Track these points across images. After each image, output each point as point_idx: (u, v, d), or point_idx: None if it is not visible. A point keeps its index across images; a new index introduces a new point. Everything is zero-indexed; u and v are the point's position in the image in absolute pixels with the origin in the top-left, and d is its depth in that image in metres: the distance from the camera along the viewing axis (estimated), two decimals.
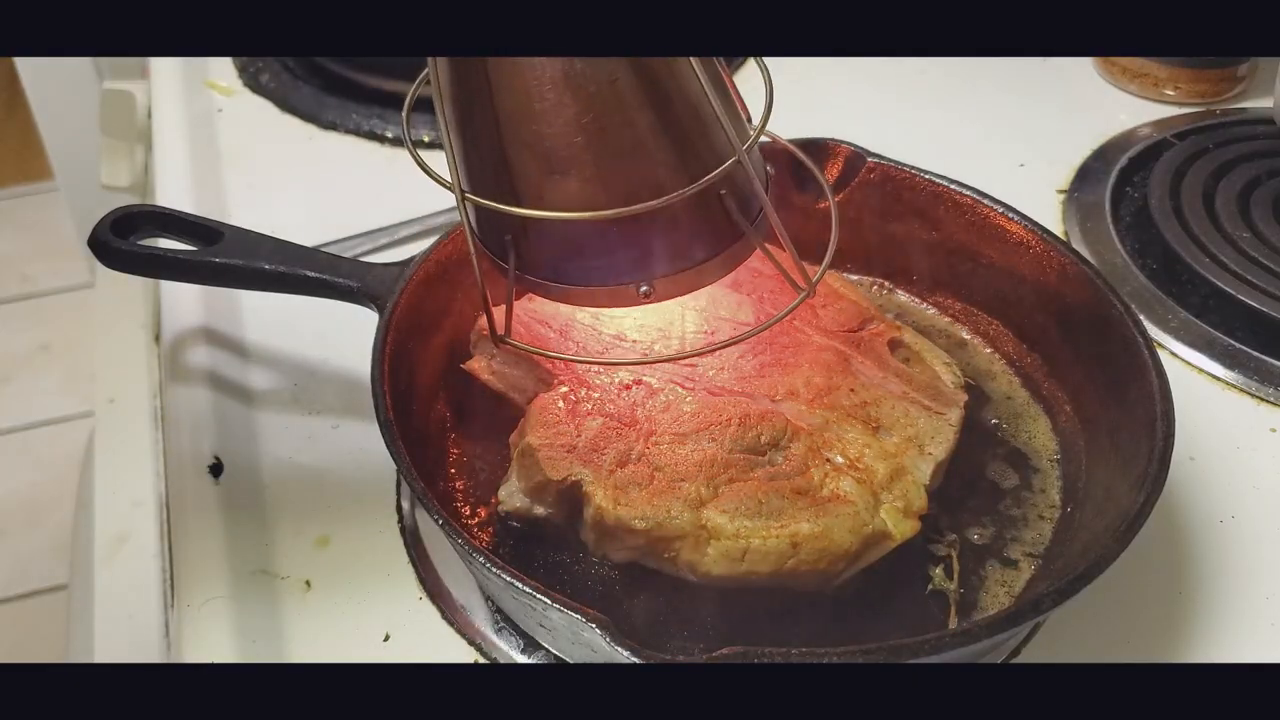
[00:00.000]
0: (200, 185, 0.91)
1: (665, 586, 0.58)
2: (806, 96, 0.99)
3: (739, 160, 0.51)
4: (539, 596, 0.48)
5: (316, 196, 0.90)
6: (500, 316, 0.57)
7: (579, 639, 0.49)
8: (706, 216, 0.53)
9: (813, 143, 0.72)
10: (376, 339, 0.61)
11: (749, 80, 0.57)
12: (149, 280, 0.99)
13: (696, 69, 0.49)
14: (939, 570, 0.60)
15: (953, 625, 0.57)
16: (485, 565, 0.50)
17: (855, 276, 0.77)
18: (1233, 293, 0.76)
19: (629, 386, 0.61)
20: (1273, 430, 0.71)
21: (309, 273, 0.66)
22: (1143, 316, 0.69)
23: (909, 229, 0.73)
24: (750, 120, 0.56)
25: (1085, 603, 0.54)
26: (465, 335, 0.67)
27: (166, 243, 0.69)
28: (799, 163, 0.65)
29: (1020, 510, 0.63)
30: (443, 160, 0.53)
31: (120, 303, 1.11)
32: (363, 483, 0.67)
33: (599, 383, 0.61)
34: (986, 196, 0.70)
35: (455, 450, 0.67)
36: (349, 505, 0.66)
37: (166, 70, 1.04)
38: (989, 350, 0.72)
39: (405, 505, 0.65)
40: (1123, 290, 0.70)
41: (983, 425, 0.67)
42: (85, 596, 0.87)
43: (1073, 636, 0.59)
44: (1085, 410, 0.65)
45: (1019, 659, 0.58)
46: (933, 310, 0.75)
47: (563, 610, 0.48)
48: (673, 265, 0.54)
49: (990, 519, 0.62)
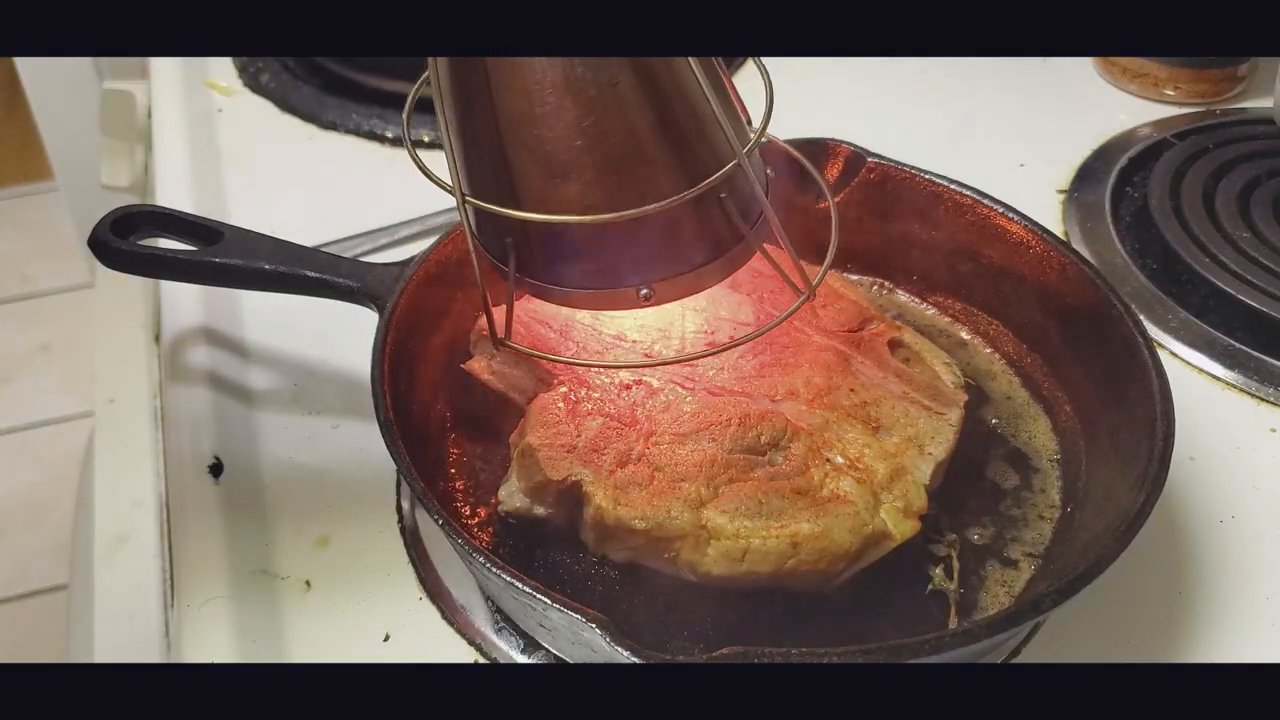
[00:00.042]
0: (200, 185, 0.91)
1: (665, 586, 0.58)
2: (806, 96, 0.99)
3: (739, 164, 0.51)
4: (539, 596, 0.48)
5: (316, 196, 0.90)
6: (500, 317, 0.57)
7: (579, 639, 0.49)
8: (706, 219, 0.53)
9: (813, 143, 0.72)
10: (376, 339, 0.61)
11: (749, 81, 0.57)
12: (149, 280, 0.99)
13: (697, 72, 0.49)
14: (939, 570, 0.60)
15: (953, 625, 0.57)
16: (485, 565, 0.50)
17: (855, 276, 0.77)
18: (1233, 293, 0.76)
19: (629, 386, 0.61)
20: (1273, 430, 0.71)
21: (309, 273, 0.66)
22: (1143, 316, 0.69)
23: (909, 229, 0.73)
24: (751, 123, 0.56)
25: (1085, 603, 0.54)
26: (465, 335, 0.67)
27: (166, 243, 0.69)
28: (803, 170, 0.65)
29: (1020, 510, 0.63)
30: (443, 161, 0.53)
31: (120, 303, 1.11)
32: (363, 483, 0.67)
33: (599, 383, 0.61)
34: (986, 196, 0.70)
35: (455, 450, 0.67)
36: (349, 505, 0.66)
37: (166, 70, 1.04)
38: (989, 350, 0.72)
39: (405, 505, 0.65)
40: (1123, 290, 0.70)
41: (983, 425, 0.67)
42: (85, 596, 0.87)
43: (1073, 636, 0.59)
44: (1085, 410, 0.65)
45: (1019, 659, 0.58)
46: (933, 310, 0.75)
47: (563, 610, 0.48)
48: (673, 268, 0.54)
49: (990, 519, 0.62)
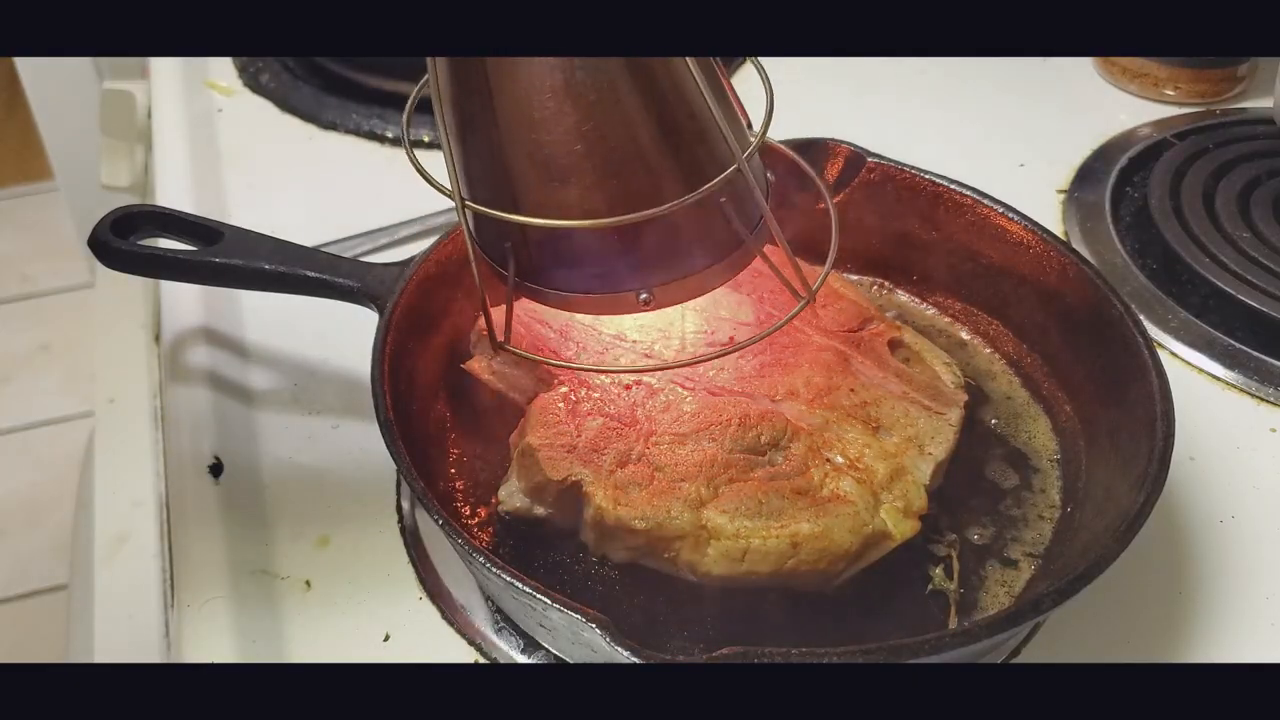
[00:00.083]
0: (200, 185, 0.91)
1: (665, 586, 0.58)
2: (806, 96, 0.99)
3: (739, 168, 0.51)
4: (539, 596, 0.48)
5: (316, 196, 0.90)
6: (500, 317, 0.57)
7: (579, 639, 0.49)
8: (706, 224, 0.53)
9: (812, 143, 0.72)
10: (376, 339, 0.61)
11: (749, 82, 0.57)
12: (149, 280, 0.99)
13: (696, 76, 0.49)
14: (939, 570, 0.60)
15: (953, 625, 0.57)
16: (485, 565, 0.50)
17: (855, 276, 0.77)
18: (1233, 293, 0.76)
19: (629, 386, 0.61)
20: (1273, 430, 0.71)
21: (309, 273, 0.66)
22: (1143, 316, 0.69)
23: (909, 229, 0.73)
24: (751, 126, 0.56)
25: (1085, 603, 0.54)
26: (465, 335, 0.67)
27: (166, 243, 0.69)
28: (802, 170, 0.65)
29: (1020, 510, 0.63)
30: (442, 163, 0.53)
31: (120, 303, 1.11)
32: (363, 483, 0.67)
33: (599, 383, 0.61)
34: (986, 196, 0.70)
35: (455, 450, 0.67)
36: (349, 505, 0.66)
37: (166, 70, 1.04)
38: (989, 350, 0.72)
39: (405, 505, 0.65)
40: (1123, 290, 0.70)
41: (983, 425, 0.67)
42: (85, 596, 0.87)
43: (1073, 636, 0.59)
44: (1085, 410, 0.65)
45: (1019, 659, 0.58)
46: (933, 310, 0.75)
47: (563, 610, 0.48)
48: (673, 273, 0.54)
49: (990, 519, 0.62)
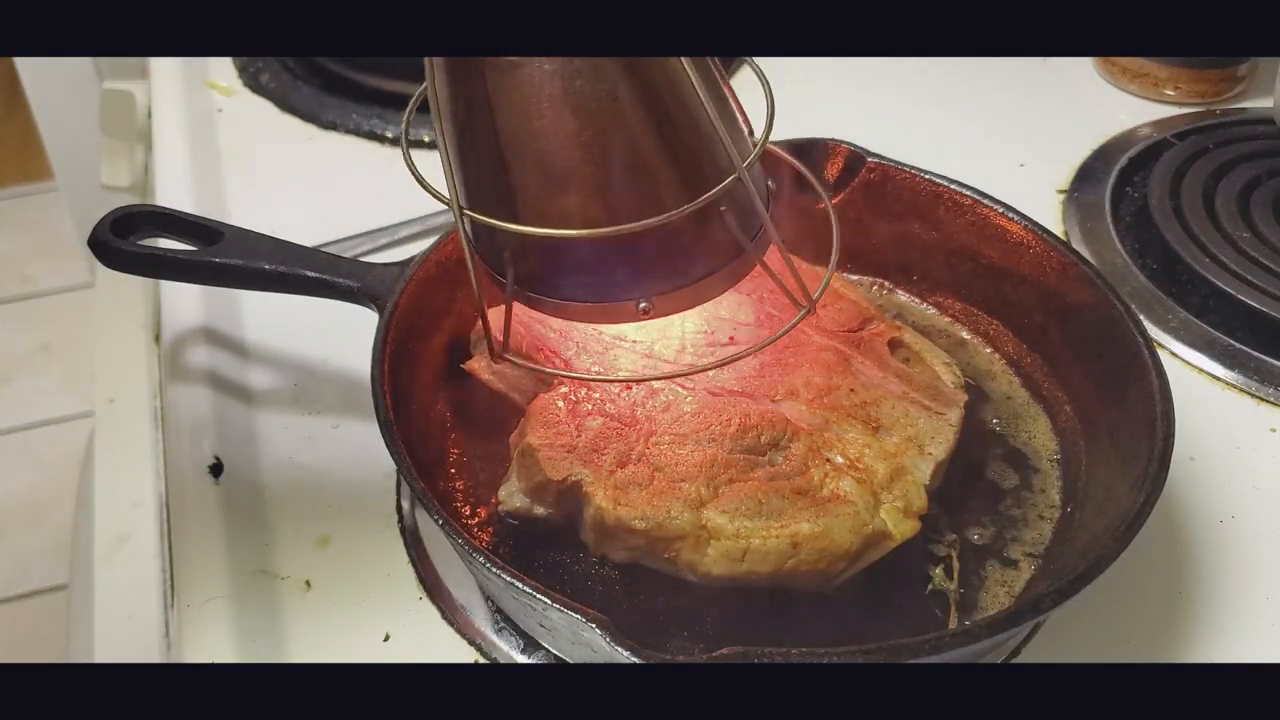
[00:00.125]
0: (200, 185, 0.91)
1: (665, 586, 0.58)
2: (806, 96, 0.98)
3: (739, 177, 0.50)
4: (539, 596, 0.48)
5: (316, 196, 0.90)
6: (498, 318, 0.57)
7: (579, 639, 0.49)
8: (706, 233, 0.53)
9: (812, 143, 0.72)
10: (376, 339, 0.61)
11: (751, 84, 0.57)
12: (149, 280, 0.99)
13: (695, 83, 0.49)
14: (939, 570, 0.60)
15: (953, 625, 0.57)
16: (485, 565, 0.50)
17: (855, 276, 0.77)
18: (1233, 293, 0.76)
19: (629, 386, 0.61)
20: (1273, 430, 0.71)
21: (309, 273, 0.66)
22: (1143, 316, 0.69)
23: (909, 229, 0.73)
24: (752, 132, 0.55)
25: (1085, 603, 0.54)
26: (465, 335, 0.67)
27: (166, 243, 0.69)
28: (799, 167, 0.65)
29: (1020, 510, 0.63)
30: (441, 167, 0.53)
31: (120, 303, 1.11)
32: (363, 483, 0.67)
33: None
34: (986, 196, 0.70)
35: (455, 450, 0.66)
36: (349, 505, 0.66)
37: (166, 70, 1.04)
38: (989, 350, 0.72)
39: (405, 505, 0.65)
40: (1123, 290, 0.70)
41: (983, 425, 0.67)
42: (85, 596, 0.87)
43: (1073, 636, 0.59)
44: (1085, 410, 0.65)
45: (1019, 659, 0.58)
46: (933, 310, 0.75)
47: (563, 610, 0.48)
48: (672, 282, 0.53)
49: (990, 519, 0.62)
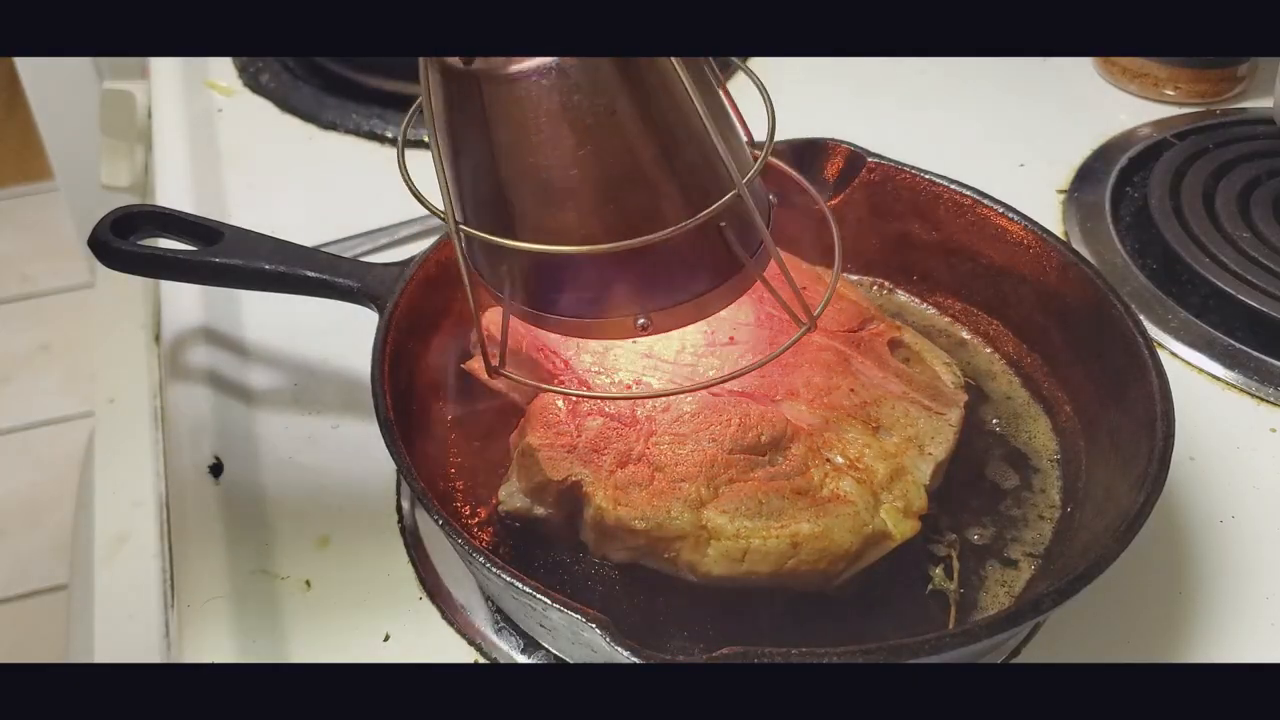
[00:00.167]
0: (200, 185, 0.91)
1: (665, 586, 0.58)
2: (806, 97, 0.99)
3: (739, 193, 0.50)
4: (539, 596, 0.48)
5: (316, 196, 0.90)
6: (496, 317, 0.57)
7: (579, 639, 0.49)
8: (706, 249, 0.52)
9: (812, 143, 0.72)
10: (376, 339, 0.61)
11: (749, 87, 0.57)
12: (149, 280, 0.99)
13: (694, 97, 0.48)
14: (939, 570, 0.60)
15: (953, 625, 0.57)
16: (485, 565, 0.50)
17: (855, 276, 0.77)
18: (1233, 293, 0.76)
19: (629, 387, 0.61)
20: (1273, 430, 0.71)
21: (309, 273, 0.66)
22: (1143, 316, 0.69)
23: (909, 229, 0.73)
24: (752, 141, 0.55)
25: (1085, 603, 0.54)
26: (465, 335, 0.67)
27: (166, 243, 0.69)
28: (802, 171, 0.65)
29: (1020, 510, 0.63)
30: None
31: (120, 303, 1.11)
32: (363, 483, 0.67)
33: (599, 383, 0.61)
34: (986, 196, 0.70)
35: (455, 450, 0.66)
36: (349, 505, 0.66)
37: (166, 70, 1.04)
38: (989, 350, 0.72)
39: (405, 505, 0.65)
40: (1123, 290, 0.70)
41: (983, 425, 0.67)
42: (85, 596, 0.87)
43: (1073, 636, 0.59)
44: (1085, 410, 0.65)
45: (1019, 659, 0.58)
46: (933, 310, 0.75)
47: (563, 610, 0.48)
48: (671, 298, 0.53)
49: (990, 519, 0.62)
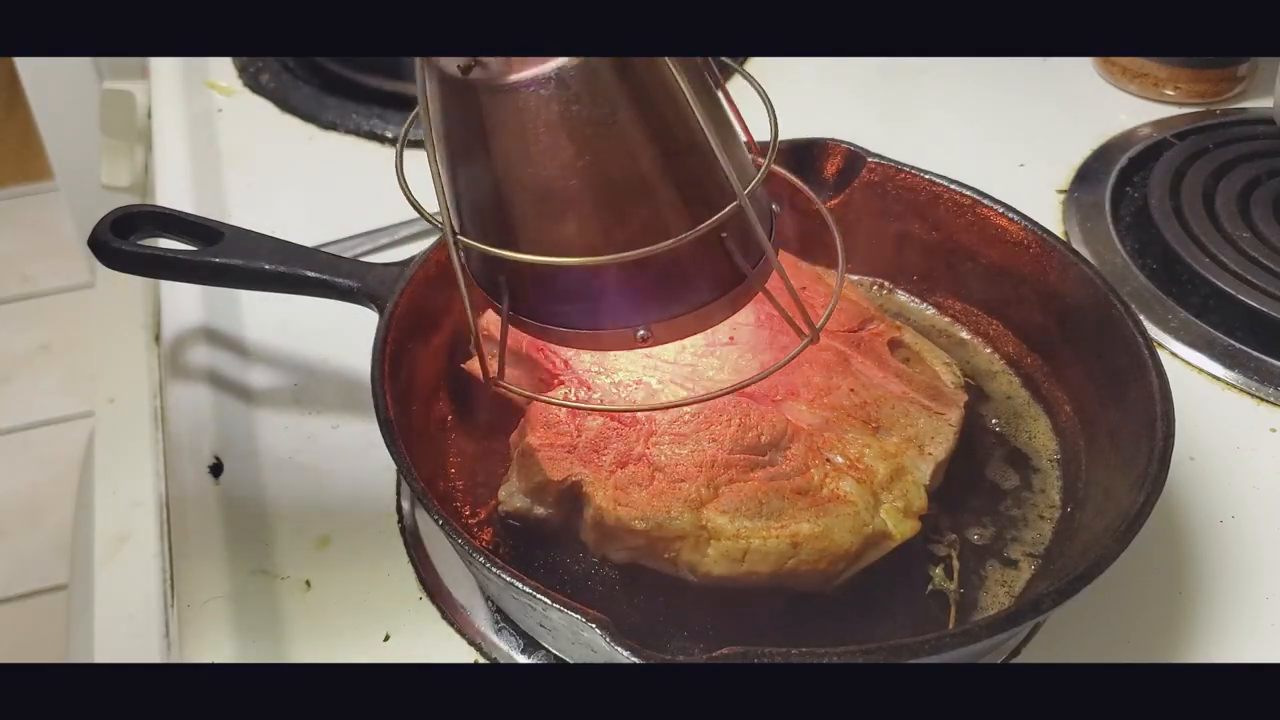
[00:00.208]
0: (200, 185, 0.91)
1: (665, 586, 0.58)
2: (806, 97, 0.99)
3: (740, 205, 0.49)
4: (539, 596, 0.48)
5: (316, 196, 0.90)
6: (493, 321, 0.57)
7: (579, 639, 0.49)
8: (707, 260, 0.52)
9: (812, 143, 0.72)
10: (376, 339, 0.61)
11: (749, 88, 0.57)
12: (149, 280, 0.99)
13: (695, 106, 0.47)
14: (939, 570, 0.60)
15: (953, 625, 0.57)
16: (485, 565, 0.50)
17: (855, 276, 0.77)
18: (1233, 293, 0.76)
19: (629, 387, 0.61)
20: (1273, 430, 0.71)
21: (309, 273, 0.66)
22: (1143, 316, 0.69)
23: (909, 229, 0.73)
24: (755, 147, 0.55)
25: (1085, 603, 0.54)
26: (465, 335, 0.67)
27: (166, 243, 0.69)
28: (802, 171, 0.64)
29: (1020, 510, 0.63)
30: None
31: (120, 303, 1.11)
32: (363, 483, 0.67)
33: (599, 383, 0.61)
34: (986, 196, 0.70)
35: (455, 450, 0.67)
36: (349, 505, 0.66)
37: (166, 70, 1.04)
38: (989, 350, 0.72)
39: (405, 505, 0.65)
40: (1123, 290, 0.70)
41: (983, 425, 0.67)
42: (85, 596, 0.87)
43: (1073, 636, 0.59)
44: (1085, 410, 0.65)
45: (1019, 659, 0.58)
46: (933, 310, 0.75)
47: (563, 610, 0.48)
48: (672, 309, 0.52)
49: (990, 519, 0.62)
